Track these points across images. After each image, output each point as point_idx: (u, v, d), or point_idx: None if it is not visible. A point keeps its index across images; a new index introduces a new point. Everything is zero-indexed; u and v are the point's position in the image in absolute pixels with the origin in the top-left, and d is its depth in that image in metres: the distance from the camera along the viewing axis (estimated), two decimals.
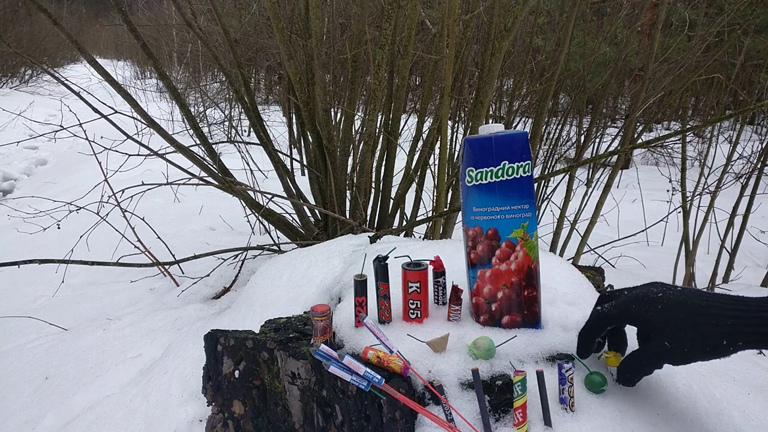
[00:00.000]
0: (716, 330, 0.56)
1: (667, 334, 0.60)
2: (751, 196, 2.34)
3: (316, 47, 1.70)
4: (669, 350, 0.60)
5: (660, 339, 0.60)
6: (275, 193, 1.87)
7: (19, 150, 5.38)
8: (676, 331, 0.59)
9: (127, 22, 1.66)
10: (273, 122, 4.68)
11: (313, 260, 1.21)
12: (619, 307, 0.66)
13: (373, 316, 0.83)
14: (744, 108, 1.96)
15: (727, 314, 0.57)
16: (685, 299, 0.60)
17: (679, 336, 0.59)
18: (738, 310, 0.56)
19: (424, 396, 0.69)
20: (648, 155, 5.73)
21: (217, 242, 2.45)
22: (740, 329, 0.55)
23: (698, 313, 0.58)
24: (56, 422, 1.22)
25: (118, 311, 1.78)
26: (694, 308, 0.59)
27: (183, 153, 1.77)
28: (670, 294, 0.62)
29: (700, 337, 0.57)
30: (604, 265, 2.52)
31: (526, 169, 0.74)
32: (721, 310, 0.57)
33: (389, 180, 2.00)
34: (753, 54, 4.26)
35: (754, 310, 0.56)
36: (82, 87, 1.84)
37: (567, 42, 1.96)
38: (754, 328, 0.55)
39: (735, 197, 2.35)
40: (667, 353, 0.60)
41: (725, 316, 0.57)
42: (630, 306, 0.64)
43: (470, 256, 0.79)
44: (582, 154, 2.54)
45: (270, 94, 8.03)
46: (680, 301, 0.60)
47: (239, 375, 0.87)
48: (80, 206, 1.83)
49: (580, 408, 0.68)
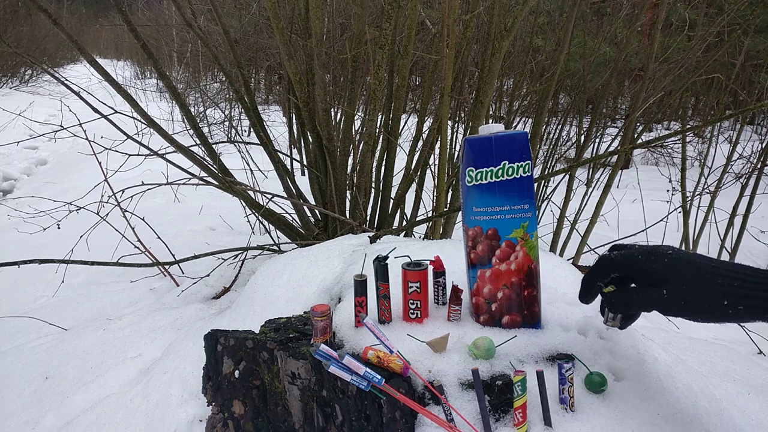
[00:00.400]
0: (720, 289, 0.57)
1: (669, 285, 0.60)
2: (751, 196, 2.34)
3: (316, 47, 1.70)
4: (666, 299, 0.60)
5: (660, 288, 0.60)
6: (275, 193, 1.87)
7: (19, 150, 5.38)
8: (679, 284, 0.59)
9: (127, 22, 1.66)
10: (273, 122, 4.68)
11: (313, 260, 1.21)
12: (627, 255, 0.65)
13: (373, 316, 0.83)
14: (744, 108, 1.96)
15: (735, 276, 0.57)
16: (694, 258, 0.61)
17: (681, 288, 0.59)
18: (746, 274, 0.57)
19: (424, 396, 0.69)
20: (648, 155, 5.73)
21: (217, 242, 2.45)
22: (744, 292, 0.56)
23: (705, 271, 0.58)
24: (56, 422, 1.22)
25: (118, 311, 1.78)
26: (702, 266, 0.59)
27: (183, 153, 1.77)
28: (680, 252, 0.62)
29: (704, 292, 0.57)
30: None
31: (526, 169, 0.74)
32: (729, 271, 0.57)
33: (389, 180, 2.00)
34: (753, 54, 4.26)
35: (762, 276, 0.56)
36: (82, 87, 1.84)
37: (567, 42, 1.96)
38: (758, 293, 0.55)
39: (735, 197, 2.35)
40: (663, 301, 0.60)
41: (732, 277, 0.57)
42: (637, 256, 0.64)
43: (470, 256, 0.79)
44: (582, 154, 2.54)
45: (270, 94, 8.03)
46: (689, 259, 0.61)
47: (239, 375, 0.87)
48: (80, 206, 1.83)
49: (580, 408, 0.68)
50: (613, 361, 0.74)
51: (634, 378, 0.72)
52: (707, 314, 0.58)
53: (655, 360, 0.76)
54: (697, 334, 1.67)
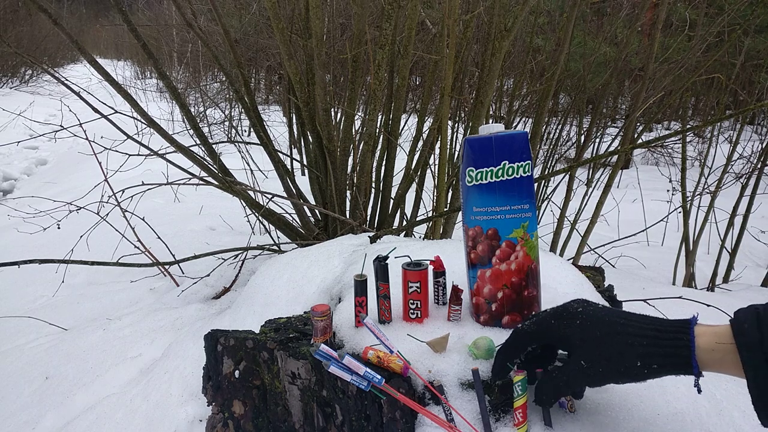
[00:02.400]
0: (631, 350, 0.54)
1: (584, 351, 0.58)
2: (751, 196, 2.34)
3: (317, 47, 1.70)
4: (585, 369, 0.57)
5: (577, 357, 0.58)
6: (275, 193, 1.87)
7: (19, 150, 5.38)
8: (592, 349, 0.57)
9: (127, 22, 1.66)
10: (273, 122, 4.68)
11: (313, 260, 1.21)
12: (539, 323, 0.63)
13: (373, 316, 0.83)
14: (744, 108, 1.96)
15: (643, 334, 0.55)
16: (603, 316, 0.59)
17: (595, 354, 0.57)
18: (655, 330, 0.55)
19: (424, 396, 0.69)
20: (648, 155, 5.73)
21: (217, 242, 2.45)
22: (654, 350, 0.54)
23: (615, 331, 0.56)
24: (56, 422, 1.22)
25: (118, 311, 1.78)
26: (612, 325, 0.57)
27: (183, 153, 1.77)
28: (590, 310, 0.60)
29: (616, 354, 0.55)
30: (605, 265, 2.52)
31: (526, 169, 0.74)
32: (638, 329, 0.55)
33: (389, 180, 2.00)
34: (753, 54, 4.26)
35: (670, 332, 0.54)
36: (82, 87, 1.84)
37: (567, 42, 1.96)
38: (668, 350, 0.53)
39: (735, 197, 2.35)
40: (584, 373, 0.58)
41: (641, 336, 0.55)
42: (549, 321, 0.62)
43: (470, 256, 0.79)
44: (582, 154, 2.54)
45: (270, 94, 8.03)
46: (599, 317, 0.58)
47: (239, 375, 0.87)
48: (80, 206, 1.83)
49: (580, 408, 0.68)
50: None
51: None
52: (626, 377, 0.56)
53: None
54: None
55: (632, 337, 0.55)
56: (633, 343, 0.55)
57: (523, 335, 0.64)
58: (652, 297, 1.52)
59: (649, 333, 0.55)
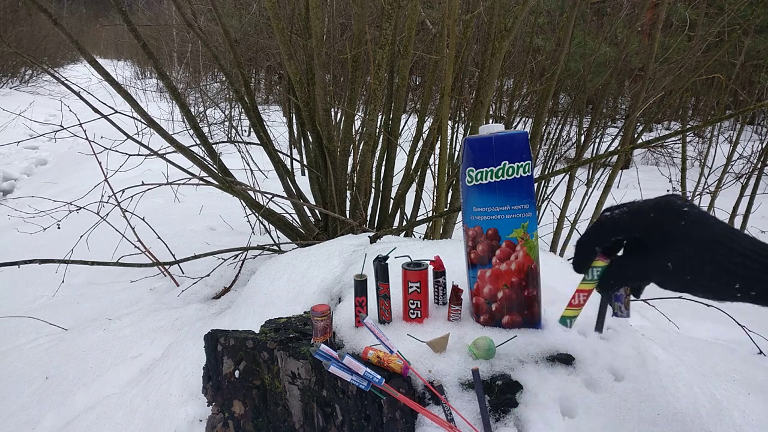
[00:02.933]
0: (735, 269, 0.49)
1: (678, 254, 0.51)
2: (751, 196, 2.34)
3: (317, 47, 1.70)
4: (669, 271, 0.52)
5: (665, 257, 0.52)
6: (275, 193, 1.87)
7: (19, 150, 5.38)
8: (690, 256, 0.51)
9: (127, 22, 1.66)
10: (273, 122, 4.68)
11: (313, 260, 1.21)
12: (636, 213, 0.55)
13: (373, 316, 0.83)
14: (744, 108, 1.96)
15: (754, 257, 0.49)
16: (713, 225, 0.51)
17: (693, 262, 0.50)
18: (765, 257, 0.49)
19: (424, 396, 0.69)
20: (648, 155, 5.73)
21: (217, 242, 2.45)
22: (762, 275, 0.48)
23: (721, 244, 0.50)
24: (56, 422, 1.22)
25: (118, 311, 1.78)
26: (719, 238, 0.50)
27: (183, 153, 1.77)
28: (696, 212, 0.52)
29: (715, 270, 0.50)
30: None
31: (526, 169, 0.74)
32: (749, 250, 0.49)
33: (389, 180, 2.00)
34: (753, 54, 4.26)
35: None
36: (82, 87, 1.84)
37: (567, 42, 1.96)
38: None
39: (735, 197, 2.35)
40: (665, 273, 0.52)
41: (751, 258, 0.49)
42: (648, 213, 0.54)
43: (470, 256, 0.79)
44: (582, 154, 2.54)
45: (270, 94, 8.03)
46: (708, 225, 0.51)
47: (239, 375, 0.87)
48: (80, 206, 1.83)
49: (580, 408, 0.68)
50: (613, 361, 0.74)
51: (635, 378, 0.72)
52: (712, 293, 0.51)
53: (656, 360, 0.76)
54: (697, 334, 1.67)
55: (740, 256, 0.49)
56: (740, 264, 0.49)
57: (613, 224, 0.56)
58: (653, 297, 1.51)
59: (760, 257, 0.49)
